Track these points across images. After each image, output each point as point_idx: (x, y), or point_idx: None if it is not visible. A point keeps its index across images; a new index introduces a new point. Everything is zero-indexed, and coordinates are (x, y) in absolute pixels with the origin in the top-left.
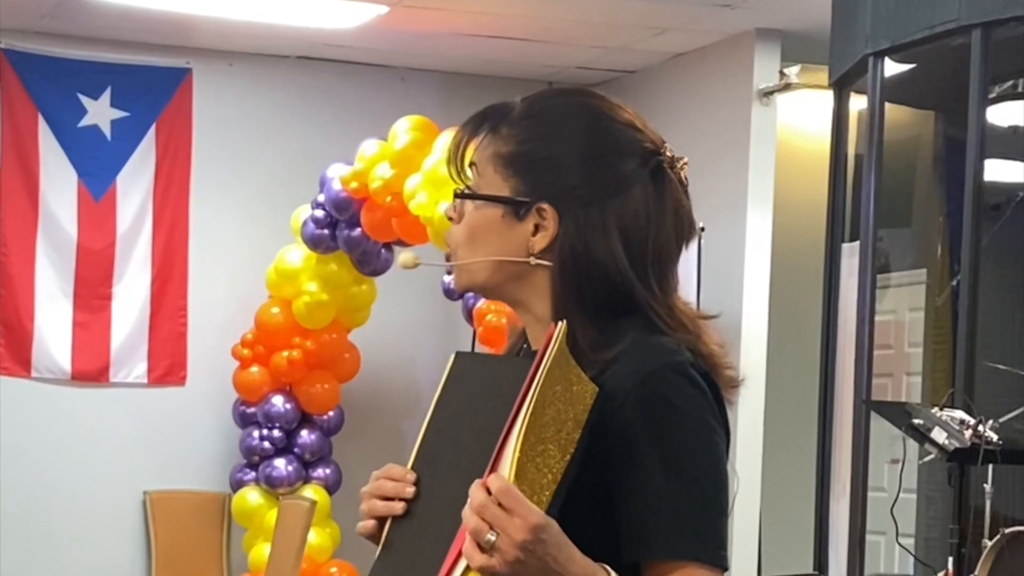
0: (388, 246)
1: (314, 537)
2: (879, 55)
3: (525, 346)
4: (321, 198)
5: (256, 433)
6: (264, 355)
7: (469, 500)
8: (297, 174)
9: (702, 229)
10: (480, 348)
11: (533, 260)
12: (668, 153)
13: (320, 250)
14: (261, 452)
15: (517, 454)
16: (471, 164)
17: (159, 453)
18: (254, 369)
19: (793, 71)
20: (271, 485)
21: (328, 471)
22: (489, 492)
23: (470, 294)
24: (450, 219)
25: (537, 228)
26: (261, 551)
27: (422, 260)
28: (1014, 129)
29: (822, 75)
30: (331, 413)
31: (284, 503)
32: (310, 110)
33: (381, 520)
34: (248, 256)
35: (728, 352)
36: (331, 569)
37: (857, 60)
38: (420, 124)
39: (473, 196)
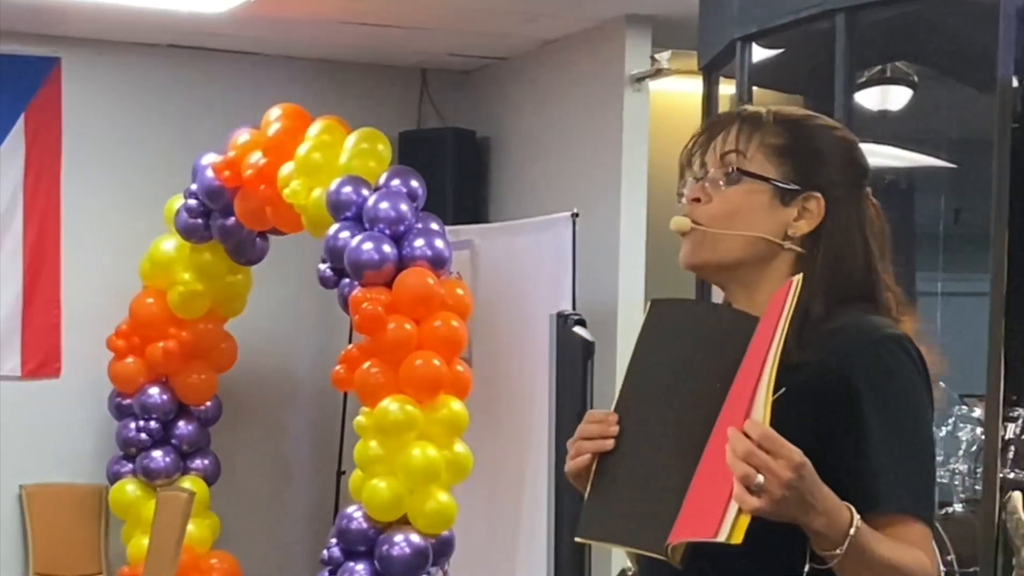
0: (262, 234)
1: (193, 528)
2: (746, 40)
3: None
4: (194, 187)
5: (133, 425)
6: (139, 346)
7: (731, 448)
8: (170, 163)
9: (576, 215)
10: (356, 337)
11: (787, 244)
12: None
13: (194, 240)
14: (138, 444)
15: (769, 399)
16: (729, 152)
17: (34, 447)
18: (129, 360)
19: (664, 56)
20: (149, 477)
21: (206, 462)
22: (748, 438)
23: (346, 281)
24: (696, 199)
25: (799, 215)
26: (140, 543)
27: (690, 225)
28: (883, 113)
29: (693, 60)
30: (208, 403)
31: (162, 495)
32: (181, 99)
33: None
34: (121, 246)
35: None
36: (211, 560)
37: (725, 45)
38: (292, 112)
39: (754, 175)
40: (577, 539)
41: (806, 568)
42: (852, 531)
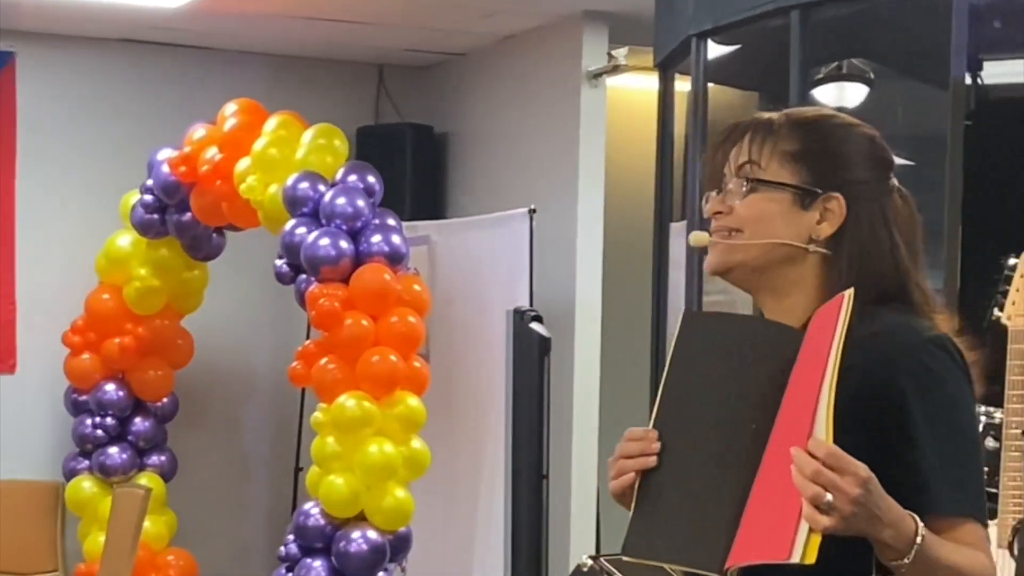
0: (219, 230)
1: (150, 525)
2: (702, 36)
3: None
4: (150, 182)
5: (89, 421)
6: (95, 342)
7: (798, 468)
8: (125, 159)
9: (533, 211)
10: (314, 333)
11: (812, 247)
12: None
13: (150, 235)
14: (94, 440)
15: (831, 416)
16: (745, 163)
17: None
18: (85, 356)
19: (621, 53)
20: (105, 473)
21: (163, 458)
22: (813, 457)
23: (303, 277)
24: (717, 212)
25: (821, 217)
26: (96, 540)
27: (712, 239)
28: (839, 110)
29: (650, 57)
30: (165, 400)
31: (118, 491)
32: (137, 94)
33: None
34: (77, 242)
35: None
36: (168, 557)
37: (681, 42)
38: (248, 107)
39: (771, 182)
40: (624, 558)
41: None
42: (918, 540)
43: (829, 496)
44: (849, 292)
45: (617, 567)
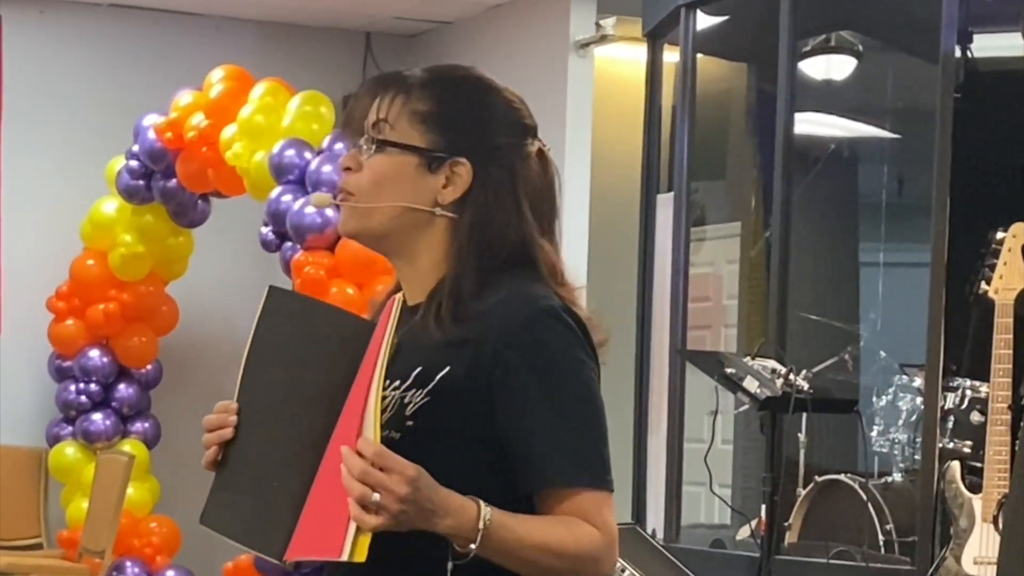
0: (204, 197)
1: (133, 492)
2: (691, 7)
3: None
4: (136, 148)
5: (72, 387)
6: (80, 308)
7: (347, 468)
8: (111, 124)
9: None
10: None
11: (439, 211)
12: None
13: (135, 201)
14: (78, 406)
15: (379, 417)
16: (377, 121)
17: None
18: (69, 322)
19: (609, 23)
20: (88, 440)
21: (147, 425)
22: (361, 456)
23: (288, 244)
24: (347, 168)
25: (447, 181)
26: (79, 506)
27: (334, 200)
28: (827, 83)
29: (638, 27)
30: (149, 366)
31: (102, 458)
32: (123, 59)
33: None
34: (62, 207)
35: (600, 319)
36: (151, 524)
37: (669, 12)
38: (235, 73)
39: (397, 144)
40: (201, 524)
41: (450, 566)
42: (481, 524)
43: (376, 496)
44: (398, 297)
45: None
